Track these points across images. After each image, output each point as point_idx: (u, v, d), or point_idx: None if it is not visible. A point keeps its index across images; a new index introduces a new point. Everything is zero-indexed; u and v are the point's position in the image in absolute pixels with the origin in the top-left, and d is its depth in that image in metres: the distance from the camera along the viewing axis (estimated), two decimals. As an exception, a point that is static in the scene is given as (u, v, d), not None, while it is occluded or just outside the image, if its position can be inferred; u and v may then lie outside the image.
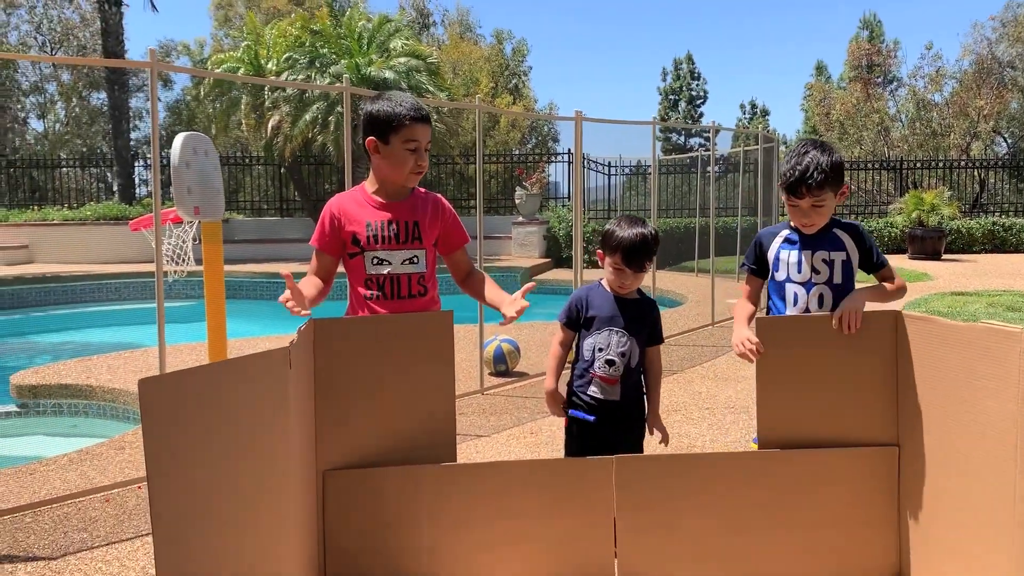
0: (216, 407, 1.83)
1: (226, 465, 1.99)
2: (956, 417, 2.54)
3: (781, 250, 3.03)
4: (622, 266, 2.95)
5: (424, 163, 2.82)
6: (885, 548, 2.85)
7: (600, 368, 2.96)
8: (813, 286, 2.94)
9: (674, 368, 6.86)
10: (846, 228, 2.99)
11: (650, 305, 3.08)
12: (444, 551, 2.71)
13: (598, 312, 3.00)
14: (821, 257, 2.94)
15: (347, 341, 2.66)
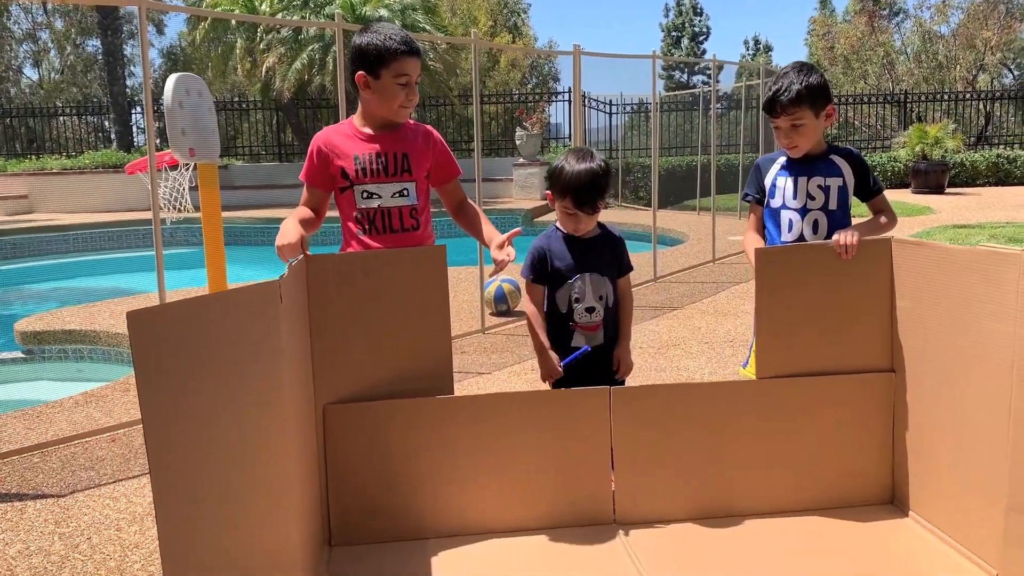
0: (208, 340, 1.82)
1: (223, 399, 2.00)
2: (953, 341, 2.54)
3: (778, 176, 3.00)
4: (574, 210, 2.80)
5: (414, 97, 2.78)
6: (881, 473, 2.89)
7: (581, 318, 2.87)
8: (808, 212, 2.92)
9: (674, 304, 6.88)
10: (843, 154, 2.97)
11: (613, 240, 2.95)
12: (445, 481, 2.75)
13: (563, 261, 2.86)
14: (817, 183, 2.92)
15: (340, 277, 2.65)
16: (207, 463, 1.85)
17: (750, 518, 2.82)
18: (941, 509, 2.67)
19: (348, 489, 2.73)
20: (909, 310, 2.74)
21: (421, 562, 2.61)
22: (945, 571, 2.47)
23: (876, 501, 2.89)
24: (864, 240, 2.78)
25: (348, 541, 2.74)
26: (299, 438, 2.44)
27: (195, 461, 1.80)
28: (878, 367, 2.84)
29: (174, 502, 1.93)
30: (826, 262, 2.79)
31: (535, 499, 2.79)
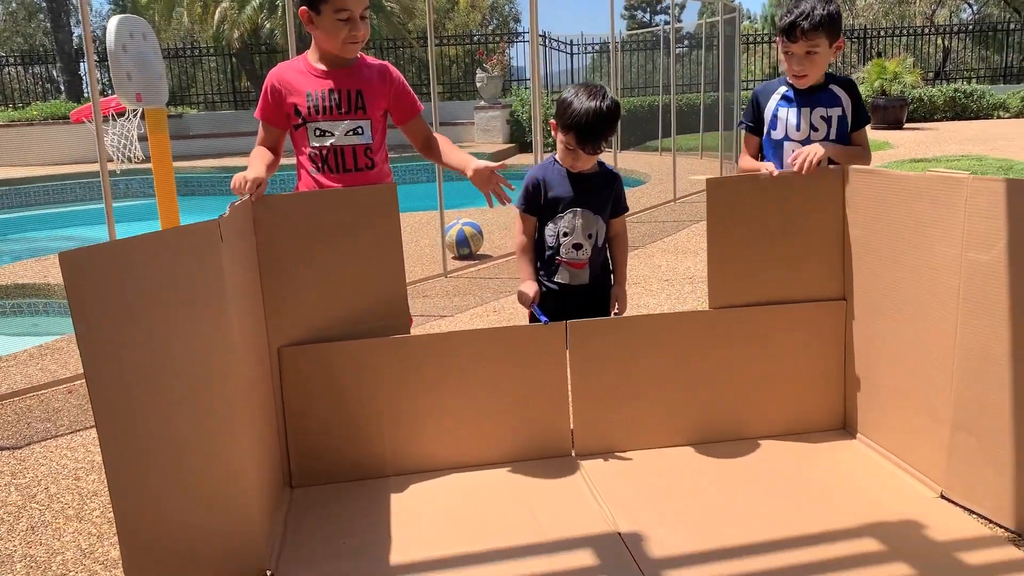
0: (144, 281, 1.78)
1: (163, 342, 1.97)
2: (903, 267, 2.58)
3: (779, 108, 2.96)
4: (575, 147, 2.76)
5: (360, 32, 2.70)
6: (833, 400, 2.95)
7: (567, 253, 2.83)
8: (811, 143, 2.86)
9: (635, 244, 6.90)
10: (842, 83, 2.93)
11: (612, 177, 2.91)
12: (404, 420, 2.75)
13: (558, 193, 2.82)
14: (819, 114, 2.89)
15: (289, 217, 2.61)
16: (151, 409, 1.83)
17: (705, 446, 2.87)
18: (889, 432, 2.73)
19: (307, 431, 2.73)
20: (861, 238, 2.77)
21: (382, 499, 2.62)
22: (892, 490, 2.54)
23: (829, 427, 2.96)
24: (818, 169, 2.79)
25: (308, 482, 2.75)
26: (252, 381, 2.42)
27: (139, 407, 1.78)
28: (830, 295, 2.88)
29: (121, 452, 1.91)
30: (778, 191, 2.80)
31: (495, 435, 2.81)
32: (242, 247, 2.44)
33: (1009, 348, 2.21)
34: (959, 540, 2.24)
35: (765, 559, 2.19)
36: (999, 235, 2.21)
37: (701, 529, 2.35)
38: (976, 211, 2.28)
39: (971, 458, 2.36)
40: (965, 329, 2.34)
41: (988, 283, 2.26)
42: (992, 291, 2.25)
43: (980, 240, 2.27)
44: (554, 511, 2.49)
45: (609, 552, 2.26)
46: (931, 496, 2.48)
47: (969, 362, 2.34)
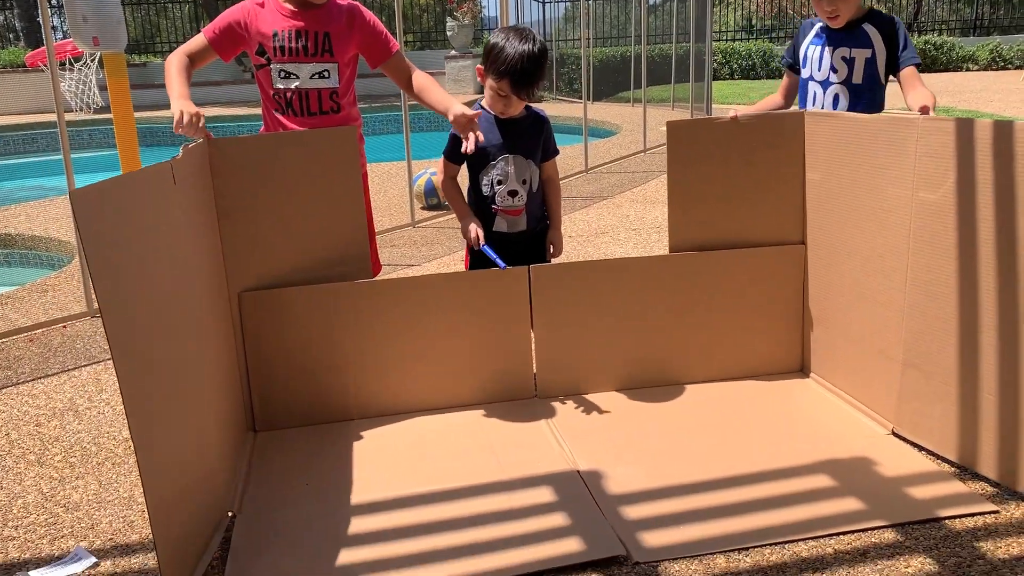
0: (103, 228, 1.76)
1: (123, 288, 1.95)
2: (859, 209, 2.60)
3: (810, 45, 2.86)
4: (509, 93, 2.67)
5: None
6: (790, 342, 3.00)
7: (503, 201, 2.81)
8: (830, 85, 2.79)
9: (605, 194, 6.90)
10: (880, 22, 2.74)
11: (540, 121, 2.86)
12: (367, 365, 2.76)
13: (488, 141, 2.75)
14: (841, 54, 2.75)
15: (246, 160, 2.58)
16: (135, 352, 1.81)
17: (665, 388, 2.91)
18: (843, 371, 2.79)
19: (269, 375, 2.73)
20: (819, 182, 2.79)
21: (345, 441, 2.64)
22: (845, 428, 2.60)
23: (787, 369, 3.01)
24: (776, 113, 2.79)
25: (272, 426, 2.76)
26: (211, 325, 2.41)
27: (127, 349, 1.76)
28: (789, 239, 2.91)
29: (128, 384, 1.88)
30: (740, 135, 2.81)
31: (458, 378, 2.83)
32: (198, 191, 2.42)
33: (955, 286, 2.25)
34: (907, 475, 2.30)
35: (719, 495, 2.24)
36: (947, 174, 2.24)
37: (658, 466, 2.40)
38: (926, 151, 2.30)
39: (919, 394, 2.42)
40: (915, 269, 2.38)
41: (936, 222, 2.29)
42: (939, 230, 2.28)
43: (929, 180, 2.30)
44: (515, 451, 2.52)
45: (567, 489, 2.30)
46: (883, 433, 2.54)
47: (918, 301, 2.38)
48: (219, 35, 2.74)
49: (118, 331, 1.71)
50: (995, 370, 2.17)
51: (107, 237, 1.73)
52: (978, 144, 2.15)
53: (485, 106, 2.82)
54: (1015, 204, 2.07)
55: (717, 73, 17.38)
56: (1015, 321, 2.10)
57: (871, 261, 2.57)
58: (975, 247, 2.18)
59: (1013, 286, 2.09)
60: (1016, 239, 2.07)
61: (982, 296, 2.18)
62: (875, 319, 2.57)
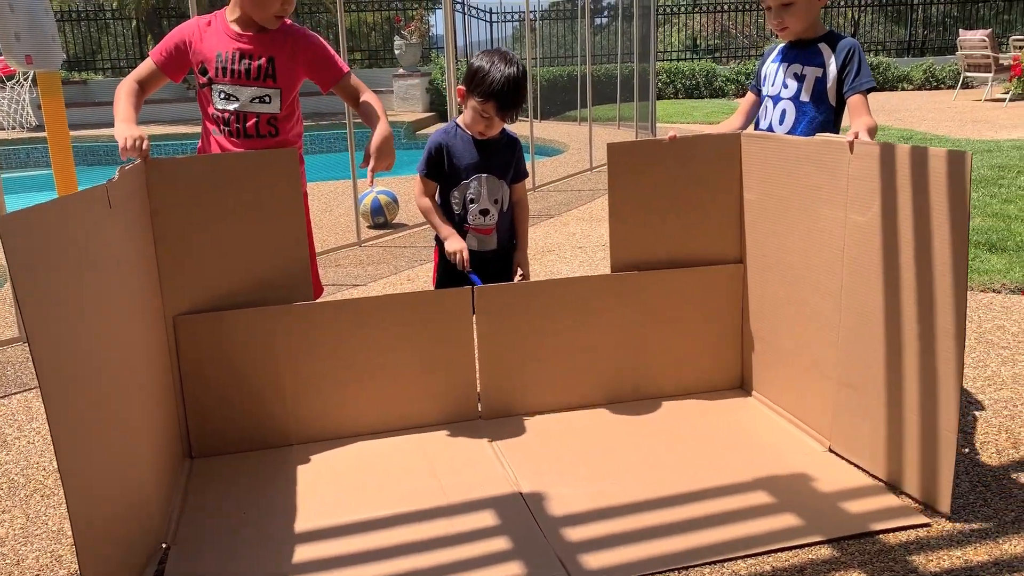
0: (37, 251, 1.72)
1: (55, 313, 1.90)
2: (794, 229, 2.66)
3: (770, 64, 2.90)
4: (492, 113, 2.73)
5: (289, 6, 2.62)
6: (730, 359, 3.04)
7: (474, 219, 2.84)
8: (780, 100, 2.83)
9: (551, 212, 6.94)
10: (834, 43, 2.77)
11: (513, 142, 2.92)
12: (306, 389, 2.72)
13: (462, 159, 2.80)
14: (794, 71, 2.80)
15: (184, 181, 2.53)
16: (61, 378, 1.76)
17: (608, 407, 2.93)
18: (782, 389, 2.83)
19: (206, 400, 2.68)
20: (756, 202, 2.84)
21: (284, 467, 2.60)
22: (784, 445, 2.64)
23: (727, 386, 3.05)
24: (713, 135, 2.84)
25: (209, 452, 2.70)
26: (145, 350, 2.36)
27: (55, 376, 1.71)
28: (728, 258, 2.95)
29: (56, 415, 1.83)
30: (679, 156, 2.85)
31: (400, 400, 2.80)
32: (134, 213, 2.37)
33: (882, 306, 2.31)
34: (843, 491, 2.34)
35: (661, 514, 2.25)
36: (874, 198, 2.30)
37: (600, 487, 2.41)
38: (856, 174, 2.36)
39: (852, 413, 2.47)
40: (848, 289, 2.43)
41: (865, 244, 2.35)
42: (869, 252, 2.34)
43: (859, 202, 2.36)
44: (458, 474, 2.51)
45: (510, 512, 2.29)
46: (820, 450, 2.58)
47: (852, 321, 2.43)
48: (166, 57, 2.71)
49: (45, 359, 1.67)
50: (916, 391, 2.23)
51: (36, 264, 1.69)
52: (899, 169, 2.21)
53: (461, 124, 2.85)
54: (930, 228, 2.12)
55: (662, 92, 17.64)
56: (932, 345, 2.15)
57: (807, 281, 2.62)
58: (898, 270, 2.24)
59: (930, 309, 2.15)
60: (931, 263, 2.13)
61: (904, 318, 2.24)
62: (812, 338, 2.62)
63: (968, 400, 2.91)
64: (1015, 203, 5.86)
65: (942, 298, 2.11)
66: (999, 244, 4.83)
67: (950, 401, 2.12)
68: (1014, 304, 3.92)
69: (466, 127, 2.84)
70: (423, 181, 2.87)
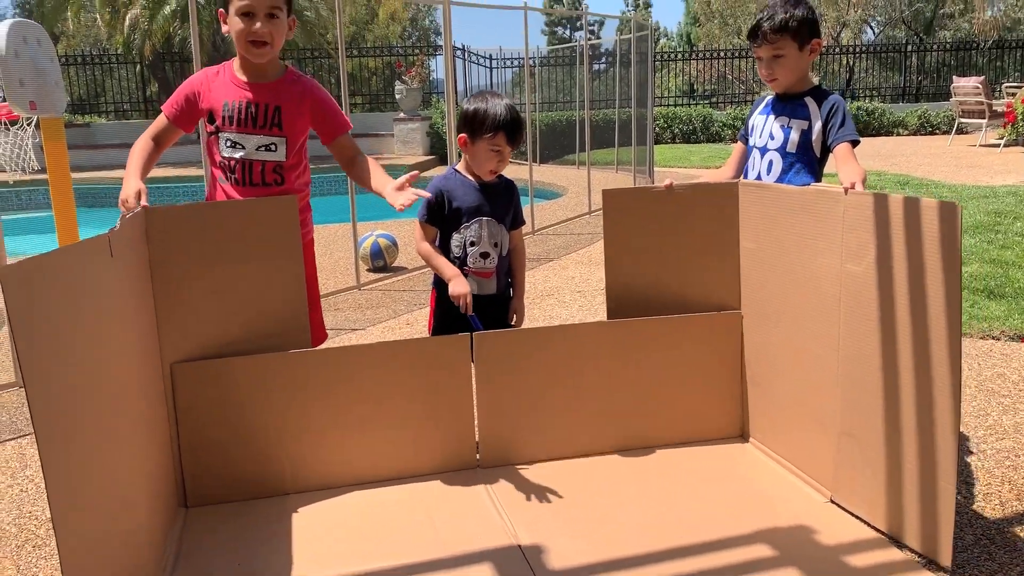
0: (38, 303, 1.72)
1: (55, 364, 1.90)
2: (791, 278, 2.66)
3: (758, 115, 2.95)
4: (503, 145, 2.77)
5: (261, 29, 2.60)
6: (730, 408, 3.02)
7: (474, 262, 2.85)
8: (767, 151, 2.87)
9: (550, 256, 6.96)
10: (820, 97, 2.83)
11: (511, 187, 2.96)
12: (303, 438, 2.71)
13: (463, 203, 2.83)
14: (781, 123, 2.85)
15: (183, 229, 2.54)
16: (58, 426, 1.76)
17: (606, 455, 2.91)
18: (783, 438, 2.81)
19: (202, 449, 2.66)
20: (753, 250, 2.85)
21: (281, 518, 2.57)
22: (785, 496, 2.61)
23: (727, 435, 3.03)
24: (709, 183, 2.86)
25: (205, 502, 2.67)
26: (142, 398, 2.34)
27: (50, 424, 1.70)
28: (726, 306, 2.95)
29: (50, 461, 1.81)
30: (674, 203, 2.87)
31: (398, 449, 2.78)
32: (134, 261, 2.37)
33: (879, 356, 2.30)
34: (845, 543, 2.32)
35: (661, 567, 2.23)
36: (869, 247, 2.31)
37: (600, 538, 2.38)
38: (851, 224, 2.38)
39: (853, 463, 2.45)
40: (846, 338, 2.43)
41: (862, 294, 2.35)
42: (865, 301, 2.34)
43: (854, 252, 2.37)
44: (456, 525, 2.48)
45: (508, 565, 2.26)
46: (822, 501, 2.56)
47: (850, 370, 2.43)
48: (177, 110, 2.75)
49: (41, 408, 1.66)
50: (915, 442, 2.22)
51: (36, 314, 1.69)
52: (892, 219, 2.22)
53: (461, 170, 2.88)
54: (924, 278, 2.13)
55: (659, 137, 17.81)
56: (929, 396, 2.15)
57: (805, 329, 2.61)
58: (894, 320, 2.24)
59: (926, 360, 2.15)
60: (926, 314, 2.13)
61: (901, 369, 2.23)
62: (811, 386, 2.61)
63: (970, 450, 2.89)
64: (1012, 249, 5.88)
65: (937, 350, 2.11)
66: (997, 291, 4.84)
67: (948, 453, 2.11)
68: (1013, 351, 3.92)
69: (470, 172, 2.87)
70: (424, 227, 2.88)
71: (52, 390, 1.74)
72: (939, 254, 2.08)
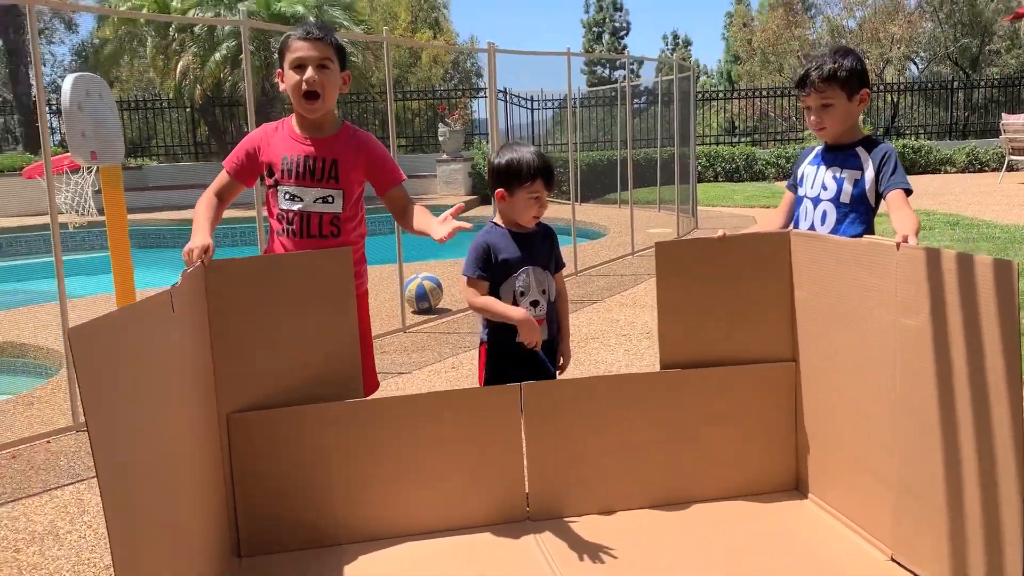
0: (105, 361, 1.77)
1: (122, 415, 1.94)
2: (846, 330, 2.63)
3: (808, 165, 2.95)
4: (541, 190, 2.81)
5: (312, 77, 2.67)
6: (786, 461, 2.97)
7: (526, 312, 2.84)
8: (820, 202, 2.86)
9: (594, 298, 6.94)
10: (872, 147, 2.82)
11: (550, 233, 2.97)
12: (356, 486, 2.72)
13: (508, 254, 2.84)
14: (833, 173, 2.84)
15: (241, 282, 2.60)
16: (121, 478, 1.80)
17: (660, 509, 2.87)
18: (840, 493, 2.76)
19: (256, 498, 2.68)
20: (806, 301, 2.82)
21: (333, 568, 2.58)
22: (844, 553, 2.55)
23: (782, 488, 2.97)
24: (761, 232, 2.84)
25: (258, 551, 2.69)
26: (199, 449, 2.38)
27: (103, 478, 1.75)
28: (780, 356, 2.92)
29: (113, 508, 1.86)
30: (727, 254, 2.85)
31: (448, 500, 2.78)
32: (194, 315, 2.43)
33: (937, 413, 2.25)
34: (908, 603, 2.25)
35: (717, 626, 2.18)
36: (923, 301, 2.28)
37: (654, 595, 2.34)
38: (904, 278, 2.34)
39: (914, 520, 2.39)
40: (903, 393, 2.39)
41: (917, 348, 2.31)
42: (921, 356, 2.30)
43: (908, 306, 2.34)
44: (507, 578, 2.46)
45: (561, 621, 2.23)
46: (882, 559, 2.50)
47: (908, 425, 2.38)
48: (238, 165, 2.83)
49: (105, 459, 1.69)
50: (978, 502, 2.16)
51: (103, 373, 1.74)
52: (945, 275, 2.19)
53: (500, 223, 2.89)
54: (981, 335, 2.09)
55: (701, 175, 17.77)
56: (991, 453, 2.09)
57: (861, 382, 2.57)
58: (951, 376, 2.20)
59: (986, 418, 2.10)
60: (984, 371, 2.09)
61: (960, 427, 2.18)
62: (869, 441, 2.56)
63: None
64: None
65: (997, 407, 2.06)
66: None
67: (1013, 513, 2.05)
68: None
69: (510, 223, 2.88)
70: (476, 283, 2.86)
71: (115, 442, 1.78)
72: (995, 311, 2.05)
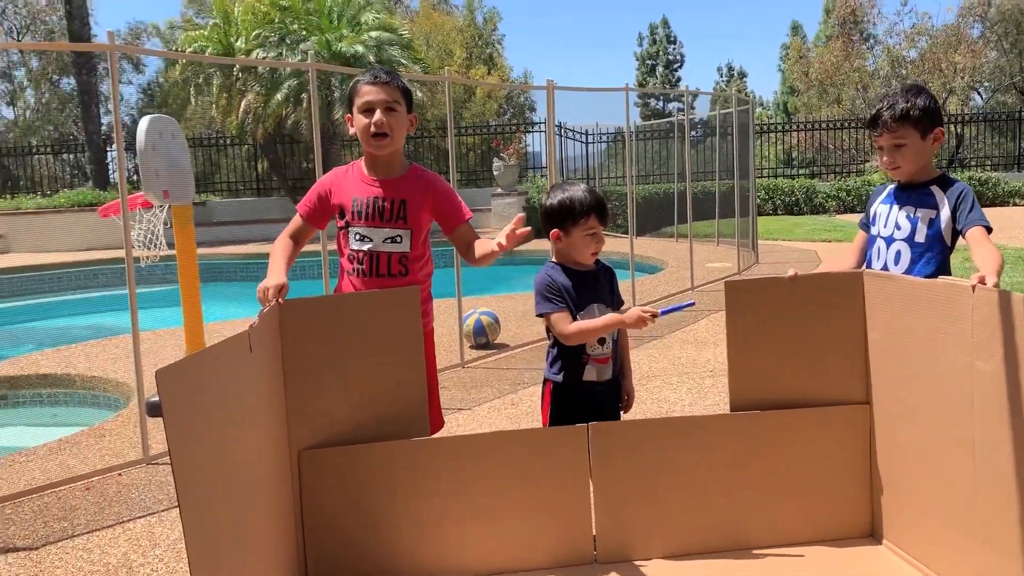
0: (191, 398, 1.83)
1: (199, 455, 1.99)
2: (921, 373, 2.56)
3: (881, 204, 2.92)
4: (596, 226, 2.81)
5: (380, 119, 2.74)
6: (860, 506, 2.89)
7: (592, 350, 2.84)
8: (893, 241, 2.83)
9: (654, 334, 6.88)
10: (946, 185, 2.78)
11: (609, 270, 2.98)
12: (423, 524, 2.72)
13: (573, 293, 2.84)
14: (907, 212, 2.81)
15: (313, 321, 2.64)
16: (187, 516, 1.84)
17: (729, 554, 2.81)
18: (916, 540, 2.67)
19: (325, 533, 2.70)
20: (880, 342, 2.76)
21: (399, 608, 2.57)
22: (924, 603, 2.47)
23: (856, 534, 2.89)
24: (833, 273, 2.80)
25: (325, 587, 2.70)
26: (272, 485, 2.41)
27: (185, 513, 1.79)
28: (853, 399, 2.85)
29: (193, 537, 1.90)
30: (798, 294, 2.81)
31: (514, 539, 2.77)
32: (269, 353, 2.48)
33: (1013, 461, 2.17)
34: (995, 659, 2.16)
35: None
36: (997, 345, 2.21)
37: (727, 645, 2.28)
38: (980, 320, 2.28)
39: (995, 572, 2.30)
40: (981, 439, 2.31)
41: (993, 393, 2.24)
42: (997, 402, 2.23)
43: (984, 349, 2.27)
44: (575, 623, 2.43)
45: (633, 669, 2.19)
46: (964, 610, 2.41)
47: (988, 475, 2.30)
48: (311, 208, 2.91)
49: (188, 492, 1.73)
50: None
51: (187, 411, 1.79)
52: (1017, 320, 2.13)
53: (558, 262, 2.90)
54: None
55: (760, 208, 17.59)
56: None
57: (938, 427, 2.50)
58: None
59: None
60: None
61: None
62: (947, 488, 2.48)
63: None
64: None
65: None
66: None
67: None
68: None
69: (569, 262, 2.88)
70: (560, 317, 2.81)
71: (197, 476, 1.82)
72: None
